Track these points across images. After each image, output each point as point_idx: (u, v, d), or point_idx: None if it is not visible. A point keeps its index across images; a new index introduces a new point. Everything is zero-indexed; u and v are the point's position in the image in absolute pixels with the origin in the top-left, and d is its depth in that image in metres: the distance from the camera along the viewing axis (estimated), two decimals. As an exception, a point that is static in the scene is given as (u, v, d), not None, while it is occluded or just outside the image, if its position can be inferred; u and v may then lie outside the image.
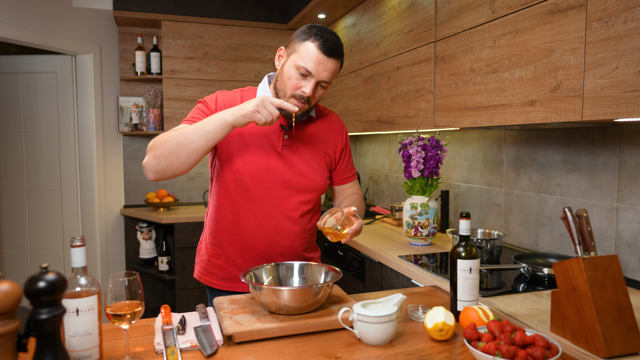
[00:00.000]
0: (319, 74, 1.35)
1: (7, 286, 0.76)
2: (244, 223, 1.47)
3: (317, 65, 1.34)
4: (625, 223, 1.66)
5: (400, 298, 1.14)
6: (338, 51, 1.37)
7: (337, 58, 1.37)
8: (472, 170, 2.46)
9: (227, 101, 1.46)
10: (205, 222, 1.60)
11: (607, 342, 1.03)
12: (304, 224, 1.52)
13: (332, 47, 1.35)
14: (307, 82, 1.36)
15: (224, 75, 3.61)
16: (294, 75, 1.36)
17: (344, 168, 1.61)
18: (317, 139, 1.52)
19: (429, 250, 2.13)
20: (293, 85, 1.37)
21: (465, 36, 1.89)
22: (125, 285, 0.98)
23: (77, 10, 3.40)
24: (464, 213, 1.23)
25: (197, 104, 1.48)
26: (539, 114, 1.53)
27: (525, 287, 1.58)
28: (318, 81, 1.37)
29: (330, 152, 1.55)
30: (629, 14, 1.22)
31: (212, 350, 1.05)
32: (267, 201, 1.46)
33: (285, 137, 1.46)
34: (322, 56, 1.34)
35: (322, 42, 1.34)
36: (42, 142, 3.65)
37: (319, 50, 1.34)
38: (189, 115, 1.44)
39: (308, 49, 1.34)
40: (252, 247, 1.48)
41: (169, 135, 1.30)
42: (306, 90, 1.36)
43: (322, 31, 1.36)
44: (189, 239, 3.30)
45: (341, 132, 1.60)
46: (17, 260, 3.70)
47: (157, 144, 1.31)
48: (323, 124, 1.56)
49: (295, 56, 1.36)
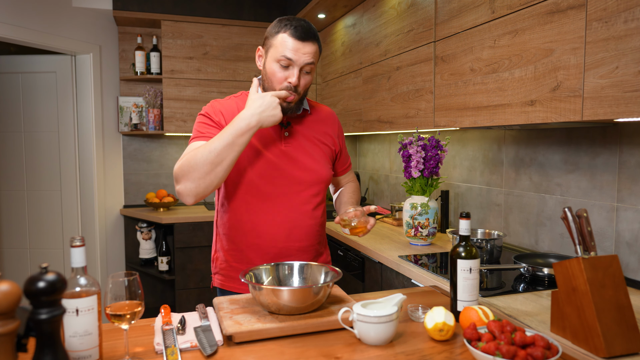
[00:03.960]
0: (299, 60, 1.38)
1: (6, 286, 0.76)
2: (259, 224, 1.48)
3: (295, 52, 1.37)
4: (626, 223, 1.66)
5: (400, 298, 1.14)
6: (312, 34, 1.39)
7: (312, 40, 1.39)
8: (472, 170, 2.46)
9: (224, 109, 1.48)
10: (217, 230, 1.59)
11: (607, 342, 1.03)
12: (317, 216, 1.54)
13: (304, 31, 1.37)
14: (290, 72, 1.39)
15: (223, 75, 3.60)
16: (277, 69, 1.39)
17: (343, 158, 1.67)
18: (316, 132, 1.56)
19: (429, 250, 2.13)
20: (278, 79, 1.40)
21: (465, 36, 1.89)
22: (125, 285, 0.98)
23: (77, 10, 3.40)
24: (464, 213, 1.23)
25: (198, 118, 1.48)
26: (539, 114, 1.53)
27: (525, 287, 1.58)
28: (301, 67, 1.39)
29: (330, 143, 1.59)
30: (629, 13, 1.22)
31: (212, 350, 1.05)
32: (279, 199, 1.47)
33: (285, 134, 1.49)
34: (297, 42, 1.37)
35: (294, 29, 1.37)
36: (42, 142, 3.65)
37: (292, 37, 1.37)
38: (196, 132, 1.45)
39: (283, 40, 1.37)
40: (270, 246, 1.49)
41: (198, 158, 1.30)
42: (292, 79, 1.38)
43: (290, 20, 1.39)
44: (189, 239, 3.30)
45: (337, 123, 1.65)
46: (17, 260, 3.70)
47: (188, 168, 1.31)
48: (318, 116, 1.59)
49: (273, 50, 1.40)
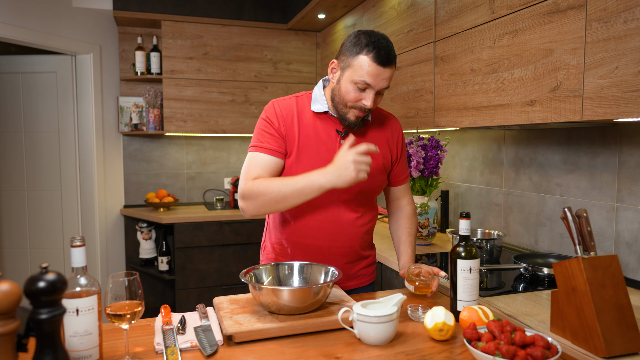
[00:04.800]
0: (377, 85, 1.34)
1: (7, 286, 0.76)
2: (306, 228, 1.47)
3: (375, 77, 1.32)
4: (625, 223, 1.66)
5: (400, 298, 1.14)
6: (392, 57, 1.34)
7: (392, 65, 1.35)
8: (472, 170, 2.46)
9: (284, 111, 1.45)
10: (267, 221, 1.60)
11: (607, 342, 1.03)
12: (363, 224, 1.52)
13: (386, 56, 1.32)
14: (366, 95, 1.36)
15: (223, 75, 3.61)
16: (352, 90, 1.35)
17: (399, 169, 1.60)
18: (374, 140, 1.50)
19: (429, 250, 2.13)
20: (352, 98, 1.36)
21: (465, 36, 1.89)
22: (125, 285, 0.98)
23: (77, 10, 3.40)
24: (464, 213, 1.23)
25: (259, 123, 1.47)
26: (539, 114, 1.54)
27: (525, 287, 1.58)
28: (377, 91, 1.36)
29: (387, 154, 1.53)
30: (629, 14, 1.23)
31: (212, 350, 1.05)
32: (327, 206, 1.46)
33: (342, 142, 1.45)
34: (379, 68, 1.31)
35: (376, 54, 1.31)
36: (42, 142, 3.65)
37: (374, 62, 1.31)
38: (256, 140, 1.44)
39: (362, 64, 1.32)
40: (314, 248, 1.49)
41: (267, 192, 1.33)
42: (367, 103, 1.35)
43: (372, 38, 1.32)
44: (189, 239, 3.30)
45: (398, 133, 1.57)
46: (17, 260, 3.70)
47: (256, 196, 1.35)
48: (380, 125, 1.54)
49: (351, 71, 1.35)
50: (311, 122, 1.44)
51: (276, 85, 3.74)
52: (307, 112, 1.46)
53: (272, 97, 3.73)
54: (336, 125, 1.46)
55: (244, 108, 3.67)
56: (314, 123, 1.45)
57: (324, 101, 1.45)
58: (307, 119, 1.45)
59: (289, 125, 1.43)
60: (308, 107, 1.46)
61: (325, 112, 1.46)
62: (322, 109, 1.44)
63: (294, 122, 1.43)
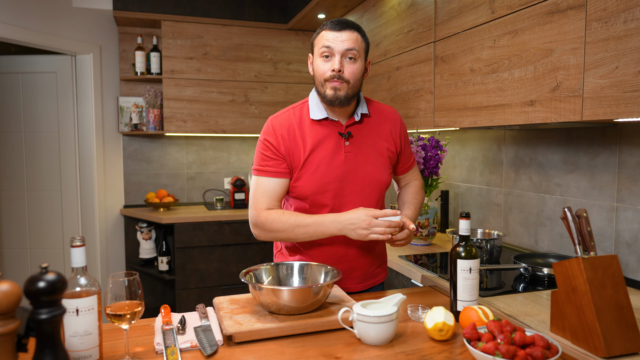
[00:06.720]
0: (337, 47, 1.39)
1: (7, 286, 0.76)
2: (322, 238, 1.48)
3: (333, 41, 1.39)
4: (625, 223, 1.66)
5: (400, 298, 1.14)
6: (348, 24, 1.41)
7: (349, 29, 1.41)
8: (472, 170, 2.46)
9: (283, 127, 1.45)
10: None
11: (607, 342, 1.03)
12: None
13: (340, 22, 1.41)
14: (331, 60, 1.41)
15: (223, 75, 3.61)
16: (321, 63, 1.42)
17: (404, 158, 1.62)
18: (376, 135, 1.52)
19: (429, 250, 2.13)
20: (322, 71, 1.41)
21: (465, 36, 1.89)
22: (125, 285, 0.98)
23: (77, 10, 3.40)
24: (464, 213, 1.23)
25: (259, 146, 1.48)
26: (539, 114, 1.54)
27: (525, 287, 1.58)
28: (341, 54, 1.39)
29: (392, 146, 1.55)
30: (629, 14, 1.23)
31: (212, 350, 1.05)
32: (339, 206, 1.47)
33: (346, 143, 1.47)
34: (334, 32, 1.40)
35: (330, 24, 1.41)
36: (42, 142, 3.65)
37: (329, 30, 1.41)
38: (258, 164, 1.46)
39: (322, 36, 1.42)
40: (328, 250, 1.50)
41: (280, 228, 1.40)
42: (335, 65, 1.39)
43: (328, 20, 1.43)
44: (189, 239, 3.30)
45: (398, 123, 1.59)
46: (17, 260, 3.70)
47: (268, 229, 1.42)
48: (379, 118, 1.55)
49: (316, 49, 1.44)
50: (313, 131, 1.45)
51: (276, 85, 3.74)
52: (307, 121, 1.47)
53: (271, 97, 3.73)
54: (338, 129, 1.47)
55: (244, 108, 3.67)
56: (316, 131, 1.46)
57: (321, 107, 1.47)
58: (308, 128, 1.46)
59: (292, 139, 1.44)
60: (306, 116, 1.47)
61: (325, 119, 1.46)
62: (320, 116, 1.46)
63: (296, 135, 1.44)
